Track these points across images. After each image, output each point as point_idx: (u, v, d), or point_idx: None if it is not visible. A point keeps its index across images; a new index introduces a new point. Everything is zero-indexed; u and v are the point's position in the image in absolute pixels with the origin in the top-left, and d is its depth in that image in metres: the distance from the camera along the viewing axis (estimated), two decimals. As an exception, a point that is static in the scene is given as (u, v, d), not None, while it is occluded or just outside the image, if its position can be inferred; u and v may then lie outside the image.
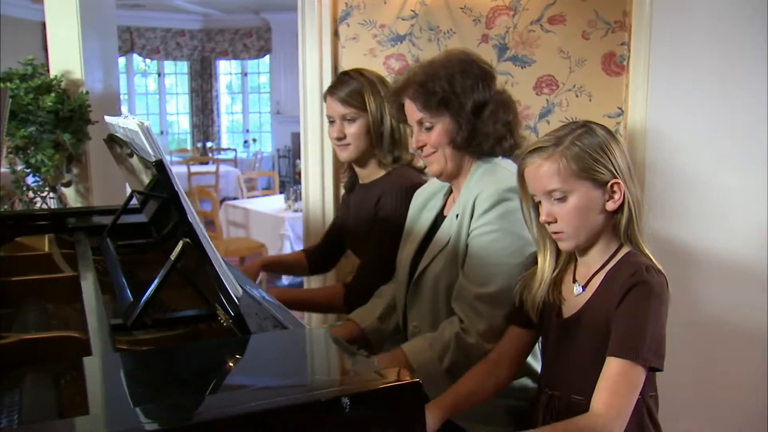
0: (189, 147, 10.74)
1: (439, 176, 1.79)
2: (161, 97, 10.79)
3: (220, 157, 9.96)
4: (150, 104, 10.75)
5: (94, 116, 3.08)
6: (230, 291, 1.15)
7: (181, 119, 11.07)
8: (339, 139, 2.07)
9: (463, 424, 1.65)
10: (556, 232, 1.42)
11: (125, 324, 1.09)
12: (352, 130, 2.05)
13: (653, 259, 1.41)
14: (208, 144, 10.71)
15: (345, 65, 2.73)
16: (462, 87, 1.66)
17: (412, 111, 1.73)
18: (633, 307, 1.33)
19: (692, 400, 2.30)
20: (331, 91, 2.10)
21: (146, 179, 1.34)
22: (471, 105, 1.67)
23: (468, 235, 1.67)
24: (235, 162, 9.97)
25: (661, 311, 1.34)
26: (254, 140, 10.92)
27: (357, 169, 2.16)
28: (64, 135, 2.91)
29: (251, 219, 5.90)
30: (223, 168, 8.95)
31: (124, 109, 10.17)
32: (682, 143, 2.11)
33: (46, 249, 1.88)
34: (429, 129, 1.72)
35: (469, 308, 1.63)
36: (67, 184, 3.07)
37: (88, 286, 1.31)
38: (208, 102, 10.85)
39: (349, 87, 2.06)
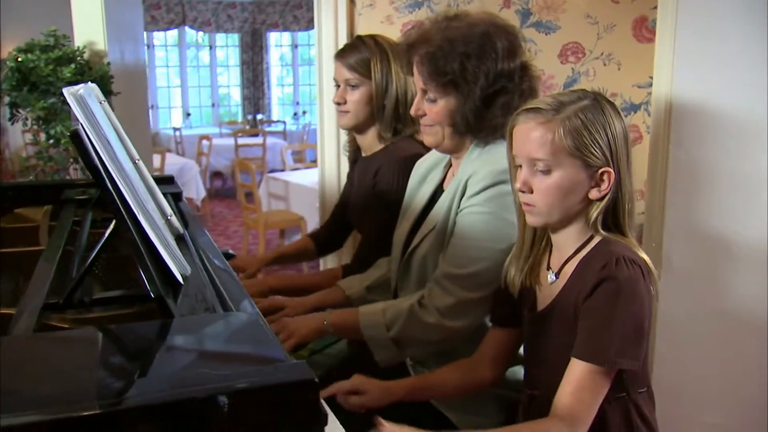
0: (240, 119, 10.82)
1: (434, 148, 1.68)
2: (212, 69, 10.87)
3: (269, 129, 9.99)
4: (202, 77, 10.84)
5: (117, 88, 3.08)
6: (171, 269, 1.09)
7: (232, 91, 11.14)
8: (339, 104, 1.99)
9: (450, 413, 1.57)
10: (527, 203, 1.30)
11: (58, 302, 1.04)
12: (353, 96, 1.96)
13: (635, 247, 1.28)
14: (259, 116, 10.76)
15: (361, 33, 2.62)
16: (474, 73, 1.51)
17: (418, 76, 1.59)
18: (599, 305, 1.21)
19: (719, 394, 2.14)
20: (340, 54, 2.02)
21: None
22: (481, 93, 1.53)
23: (456, 214, 1.57)
24: (284, 134, 9.98)
25: (632, 308, 1.21)
26: (304, 112, 10.91)
27: (357, 138, 2.08)
28: (85, 106, 2.91)
29: (291, 191, 5.88)
30: (271, 140, 8.97)
31: (175, 81, 10.31)
32: (710, 117, 1.94)
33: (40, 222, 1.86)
34: (432, 101, 1.60)
35: (436, 284, 1.54)
36: (91, 156, 3.08)
37: (46, 261, 1.27)
38: (258, 74, 10.87)
39: (358, 52, 1.97)
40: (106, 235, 1.04)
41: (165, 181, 2.08)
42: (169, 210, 1.39)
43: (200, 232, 1.68)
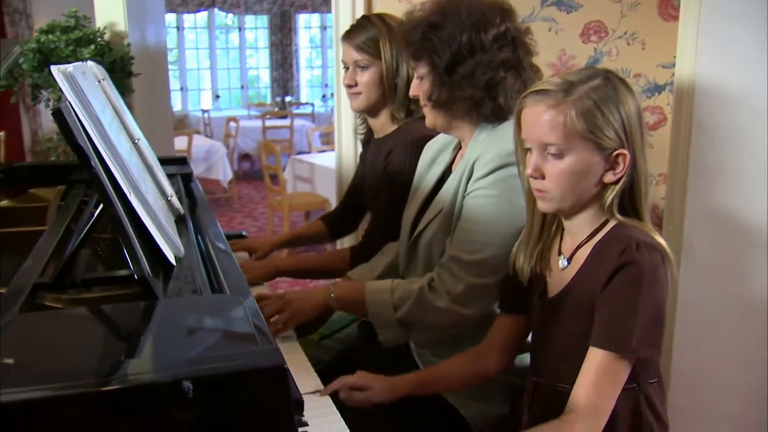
0: (269, 101, 10.83)
1: (433, 128, 1.65)
2: (242, 51, 10.88)
3: (297, 111, 9.98)
4: (231, 59, 10.86)
5: (137, 69, 3.09)
6: (163, 251, 1.08)
7: (261, 73, 11.15)
8: (350, 86, 1.95)
9: (455, 399, 1.54)
10: (539, 190, 1.25)
11: (48, 282, 1.03)
12: (364, 78, 1.92)
13: (652, 232, 1.23)
14: (287, 98, 10.76)
15: (379, 11, 2.58)
16: (439, 40, 1.48)
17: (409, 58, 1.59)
18: (620, 292, 1.17)
19: (738, 383, 2.08)
20: (347, 35, 1.98)
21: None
22: (444, 63, 1.49)
23: (463, 198, 1.53)
24: (312, 117, 9.97)
25: (654, 294, 1.16)
26: (332, 95, 10.86)
27: (370, 121, 2.05)
28: (105, 87, 2.92)
29: (316, 174, 5.88)
30: (299, 122, 8.97)
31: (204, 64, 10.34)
32: (734, 99, 1.86)
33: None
34: (420, 79, 1.58)
35: (445, 269, 1.50)
36: (111, 137, 3.10)
37: (45, 240, 1.27)
38: (287, 56, 10.86)
39: (365, 32, 1.93)
40: (95, 215, 1.03)
41: (176, 162, 2.08)
42: (170, 190, 1.38)
43: (207, 213, 1.67)
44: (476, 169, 1.52)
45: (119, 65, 2.98)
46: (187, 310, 0.83)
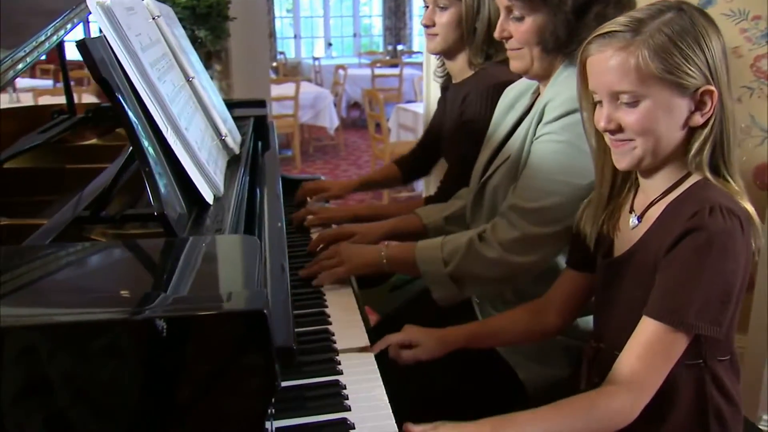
0: (381, 50, 10.78)
1: (522, 74, 1.54)
2: (355, -1, 10.86)
3: (409, 60, 9.87)
4: (344, 6, 10.86)
5: (234, 13, 3.13)
6: (198, 188, 1.07)
7: (374, 21, 11.09)
8: (427, 26, 1.86)
9: (512, 359, 1.47)
10: (618, 142, 1.11)
11: (89, 216, 1.05)
12: (443, 18, 1.83)
13: (738, 195, 1.09)
14: (399, 47, 10.66)
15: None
16: None
17: None
18: (684, 258, 1.04)
19: None
20: None
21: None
22: (573, 3, 1.37)
23: (531, 143, 1.43)
24: (423, 65, 9.82)
25: (723, 266, 1.03)
26: (445, 43, 10.65)
27: (447, 64, 1.95)
28: (201, 31, 2.98)
29: (420, 123, 5.81)
30: (409, 71, 8.86)
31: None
32: None
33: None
34: (518, 20, 1.45)
35: (502, 217, 1.42)
36: (208, 80, 3.17)
37: (103, 175, 1.30)
38: (400, 4, 10.72)
39: None
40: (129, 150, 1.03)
41: (254, 104, 2.09)
42: (224, 130, 1.37)
43: (273, 157, 1.66)
44: (547, 111, 1.41)
45: (216, 9, 3.03)
46: (194, 249, 0.81)
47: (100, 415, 0.62)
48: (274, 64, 9.54)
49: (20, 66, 1.31)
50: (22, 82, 5.60)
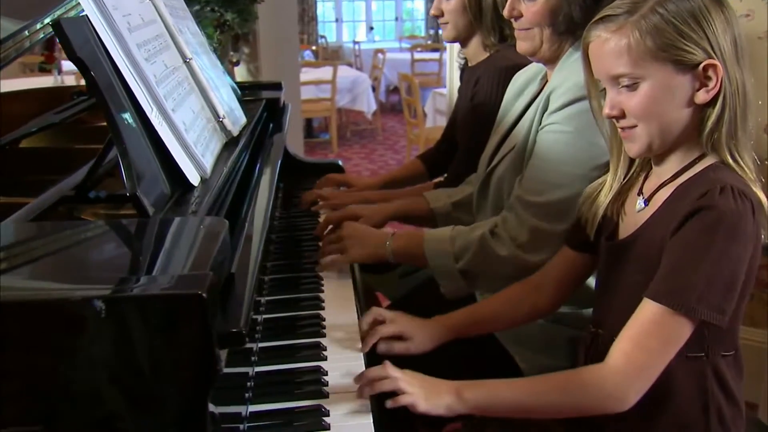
0: (422, 34, 10.69)
1: (529, 56, 1.49)
2: (397, -18, 10.78)
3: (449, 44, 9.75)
4: (386, -11, 10.81)
5: (262, -5, 3.12)
6: (182, 170, 1.06)
7: (417, 4, 11.00)
8: (437, 17, 1.84)
9: (515, 349, 1.44)
10: (624, 128, 1.08)
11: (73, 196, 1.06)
12: (449, 6, 1.80)
13: (751, 180, 1.03)
14: (441, 31, 10.55)
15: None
16: None
17: None
18: (690, 238, 0.99)
19: None
20: None
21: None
22: None
23: (537, 132, 1.38)
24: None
25: (731, 249, 0.98)
26: (487, 27, 10.51)
27: (463, 51, 1.91)
28: (228, 14, 2.99)
29: (455, 108, 5.75)
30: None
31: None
32: None
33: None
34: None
35: (510, 211, 1.37)
36: (236, 63, 3.18)
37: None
38: (443, -13, 10.59)
39: None
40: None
41: (271, 87, 2.08)
42: (222, 111, 1.36)
43: (279, 140, 1.65)
44: (552, 100, 1.36)
45: (243, -9, 3.03)
46: (158, 230, 0.81)
47: (38, 394, 0.62)
48: (314, 48, 9.54)
49: (41, 36, 1.33)
50: (67, 65, 5.72)
